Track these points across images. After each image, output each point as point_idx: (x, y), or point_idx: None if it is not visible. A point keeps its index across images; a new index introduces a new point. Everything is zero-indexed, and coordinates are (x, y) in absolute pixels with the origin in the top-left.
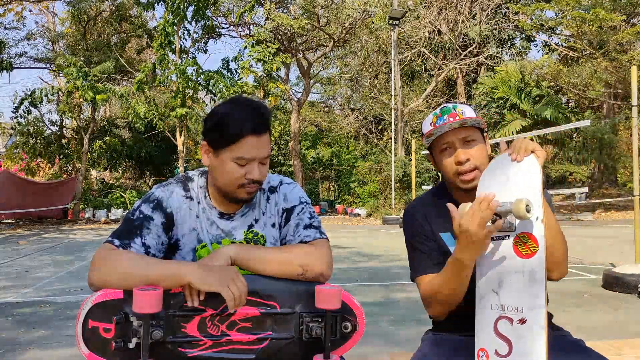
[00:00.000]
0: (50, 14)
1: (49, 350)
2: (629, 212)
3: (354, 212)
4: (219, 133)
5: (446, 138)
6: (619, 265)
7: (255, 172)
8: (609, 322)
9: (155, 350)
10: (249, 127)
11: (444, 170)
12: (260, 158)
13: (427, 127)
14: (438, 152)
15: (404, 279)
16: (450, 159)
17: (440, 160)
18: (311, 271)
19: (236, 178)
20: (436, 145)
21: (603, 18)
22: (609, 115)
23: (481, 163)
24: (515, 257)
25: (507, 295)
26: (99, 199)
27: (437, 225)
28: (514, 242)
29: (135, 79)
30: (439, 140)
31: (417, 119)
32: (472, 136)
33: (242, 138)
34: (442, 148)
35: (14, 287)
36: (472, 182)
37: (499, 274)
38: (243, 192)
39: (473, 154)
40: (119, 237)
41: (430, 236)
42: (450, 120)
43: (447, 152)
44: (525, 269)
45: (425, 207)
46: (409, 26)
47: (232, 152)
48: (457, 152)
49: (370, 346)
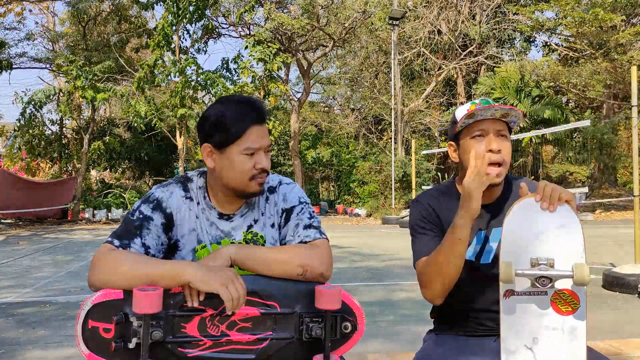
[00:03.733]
0: (50, 14)
1: (49, 350)
2: (629, 212)
3: (354, 212)
4: (223, 131)
5: (483, 125)
6: (619, 265)
7: (263, 160)
8: (609, 322)
9: (155, 350)
10: (252, 118)
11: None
12: (265, 147)
13: (464, 113)
14: (468, 139)
15: (404, 279)
16: (481, 146)
17: (469, 146)
18: (311, 271)
19: (247, 170)
20: (467, 132)
21: (602, 18)
22: (609, 115)
23: (508, 160)
24: (553, 313)
25: (544, 352)
26: (99, 199)
27: (445, 217)
28: (553, 299)
29: (135, 78)
30: (474, 125)
31: (417, 119)
32: (505, 131)
33: (248, 129)
34: (476, 134)
35: (14, 287)
36: (498, 178)
37: (534, 330)
38: (255, 185)
39: (504, 148)
40: (118, 238)
41: (436, 223)
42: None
43: (479, 139)
44: (565, 326)
45: (433, 200)
46: (409, 26)
47: (239, 145)
48: (491, 142)
49: (370, 346)
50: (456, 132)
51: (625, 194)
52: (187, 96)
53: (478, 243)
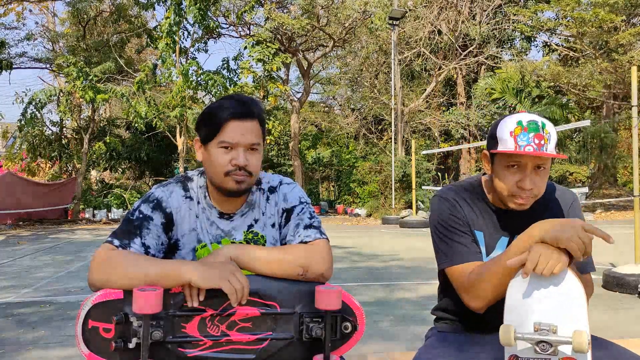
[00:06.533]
0: (50, 14)
1: (49, 350)
2: (629, 212)
3: (354, 212)
4: (206, 125)
5: (520, 158)
6: (618, 265)
7: (240, 157)
8: (609, 322)
9: (155, 350)
10: (231, 112)
11: (500, 186)
12: (245, 144)
13: (506, 136)
14: (502, 166)
15: (404, 279)
16: (513, 177)
17: (502, 174)
18: (311, 271)
19: (222, 164)
20: (503, 158)
21: (603, 18)
22: (609, 115)
23: (540, 192)
24: None
25: None
26: (99, 199)
27: (469, 214)
28: None
29: (135, 79)
30: (511, 155)
31: (417, 119)
32: (545, 164)
33: (225, 123)
34: (510, 164)
35: (14, 287)
36: (524, 206)
37: None
38: (231, 181)
39: (538, 182)
40: (118, 237)
41: (467, 225)
42: (535, 142)
43: (514, 170)
44: None
45: (458, 196)
46: (409, 26)
47: (217, 139)
48: (525, 178)
49: (370, 346)
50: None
51: (625, 194)
52: (187, 96)
53: (500, 249)
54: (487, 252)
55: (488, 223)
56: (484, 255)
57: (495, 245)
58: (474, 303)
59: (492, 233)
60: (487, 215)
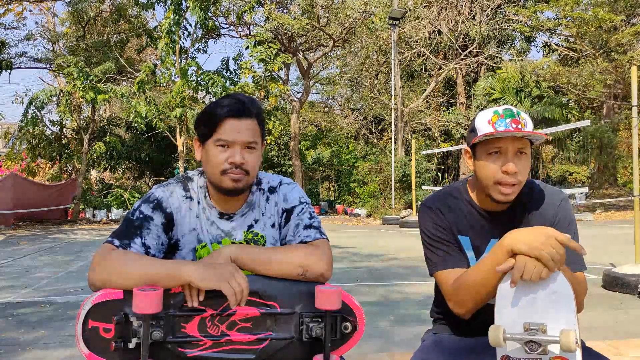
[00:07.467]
0: (50, 14)
1: (49, 350)
2: (629, 212)
3: (354, 212)
4: (203, 123)
5: (501, 143)
6: (618, 265)
7: (237, 156)
8: (609, 322)
9: (155, 350)
10: (227, 111)
11: (484, 175)
12: (242, 142)
13: (484, 124)
14: (484, 154)
15: (404, 279)
16: (496, 165)
17: (485, 164)
18: (311, 271)
19: (218, 162)
20: (484, 147)
21: (602, 18)
22: (609, 115)
23: (524, 179)
24: None
25: None
26: (99, 199)
27: (455, 222)
28: None
29: (136, 79)
30: (491, 142)
31: (417, 119)
32: (525, 149)
33: (221, 121)
34: (492, 151)
35: (14, 287)
36: (509, 196)
37: None
38: (227, 180)
39: (521, 168)
40: (118, 238)
41: (449, 230)
42: (512, 126)
43: (496, 156)
44: None
45: (443, 205)
46: (409, 26)
47: (214, 137)
48: (508, 162)
49: (370, 346)
50: (474, 142)
51: (625, 194)
52: (187, 96)
53: (489, 251)
54: (477, 256)
55: (476, 227)
56: (473, 260)
57: (485, 249)
58: (457, 309)
59: (481, 237)
60: (474, 220)
